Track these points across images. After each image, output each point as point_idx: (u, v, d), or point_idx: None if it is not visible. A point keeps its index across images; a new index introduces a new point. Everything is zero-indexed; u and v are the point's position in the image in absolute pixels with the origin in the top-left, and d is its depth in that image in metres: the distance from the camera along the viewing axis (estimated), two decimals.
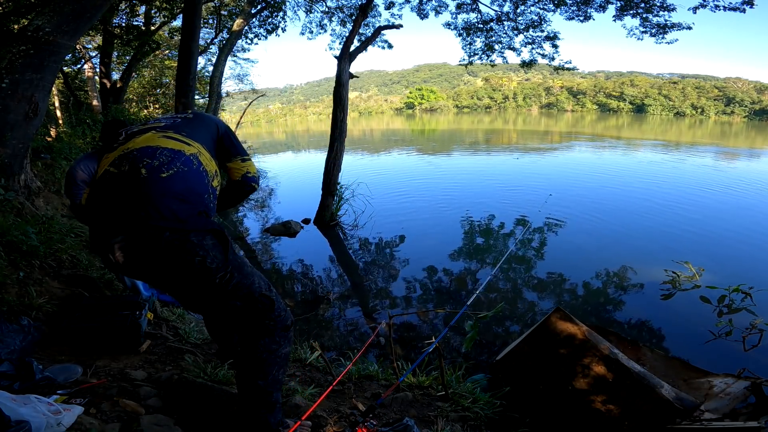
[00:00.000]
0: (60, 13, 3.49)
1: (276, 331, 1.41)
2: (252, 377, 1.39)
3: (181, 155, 1.35)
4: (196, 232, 1.26)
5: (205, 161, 1.43)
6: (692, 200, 8.23)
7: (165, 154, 1.33)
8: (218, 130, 1.55)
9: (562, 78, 70.66)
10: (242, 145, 1.64)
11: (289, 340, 1.47)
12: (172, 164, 1.31)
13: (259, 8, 11.38)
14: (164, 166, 1.30)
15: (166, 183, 1.27)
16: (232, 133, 1.61)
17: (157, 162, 1.30)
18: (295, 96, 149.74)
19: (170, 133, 1.40)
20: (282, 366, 1.44)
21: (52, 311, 2.24)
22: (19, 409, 1.26)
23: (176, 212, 1.25)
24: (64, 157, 5.84)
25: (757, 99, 59.87)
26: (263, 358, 1.38)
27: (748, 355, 3.22)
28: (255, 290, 1.38)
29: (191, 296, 1.42)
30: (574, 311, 3.49)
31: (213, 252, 1.28)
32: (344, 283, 4.96)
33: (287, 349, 1.46)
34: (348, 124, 7.00)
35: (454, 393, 2.13)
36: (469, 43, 9.84)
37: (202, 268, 1.26)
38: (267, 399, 1.40)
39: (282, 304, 1.47)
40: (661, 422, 1.87)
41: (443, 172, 12.11)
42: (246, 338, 1.41)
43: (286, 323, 1.45)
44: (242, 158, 1.57)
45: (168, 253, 1.23)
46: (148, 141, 1.36)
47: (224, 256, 1.31)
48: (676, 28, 7.60)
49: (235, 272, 1.33)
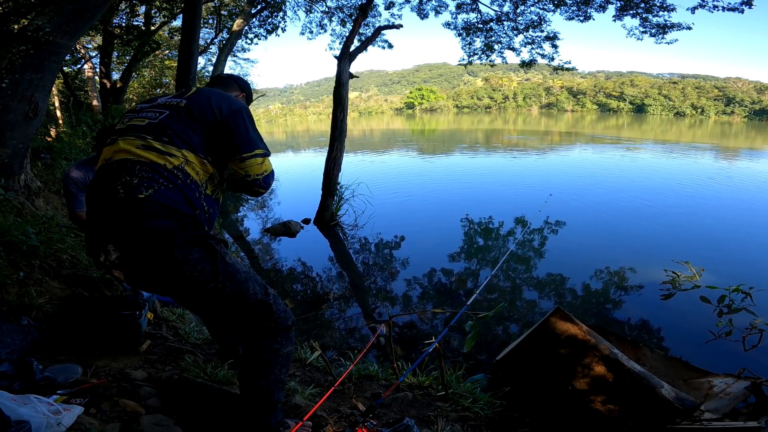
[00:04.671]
0: (60, 13, 3.49)
1: (277, 332, 1.40)
2: (254, 377, 1.39)
3: (163, 170, 1.21)
4: (180, 248, 1.18)
5: (195, 170, 1.28)
6: (692, 200, 8.23)
7: (145, 170, 1.19)
8: (216, 117, 1.32)
9: (562, 78, 70.65)
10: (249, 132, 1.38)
11: (290, 340, 1.46)
12: (153, 182, 1.18)
13: (259, 8, 11.39)
14: (144, 183, 1.18)
15: (145, 204, 1.16)
16: (238, 118, 1.36)
17: (135, 180, 1.18)
18: (295, 96, 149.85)
19: (150, 141, 1.24)
20: (284, 366, 1.43)
21: (52, 311, 2.23)
22: (19, 409, 1.26)
23: (157, 231, 1.16)
24: (64, 157, 5.85)
25: (757, 99, 59.93)
26: (265, 357, 1.38)
27: (748, 355, 3.22)
28: (250, 297, 1.34)
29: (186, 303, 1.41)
30: (574, 311, 3.49)
31: (201, 265, 1.22)
32: (344, 283, 4.96)
33: (289, 348, 1.45)
34: (348, 124, 7.00)
35: (454, 393, 2.13)
36: (469, 43, 9.85)
37: (192, 282, 1.23)
38: (269, 398, 1.40)
39: (281, 305, 1.44)
40: (661, 422, 1.87)
41: (443, 172, 12.11)
42: (247, 339, 1.41)
43: (287, 323, 1.43)
44: (241, 157, 1.36)
45: (154, 269, 1.20)
46: (127, 151, 1.23)
47: (213, 267, 1.24)
48: (675, 28, 7.61)
49: (227, 282, 1.28)
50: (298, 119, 68.16)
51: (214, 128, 1.33)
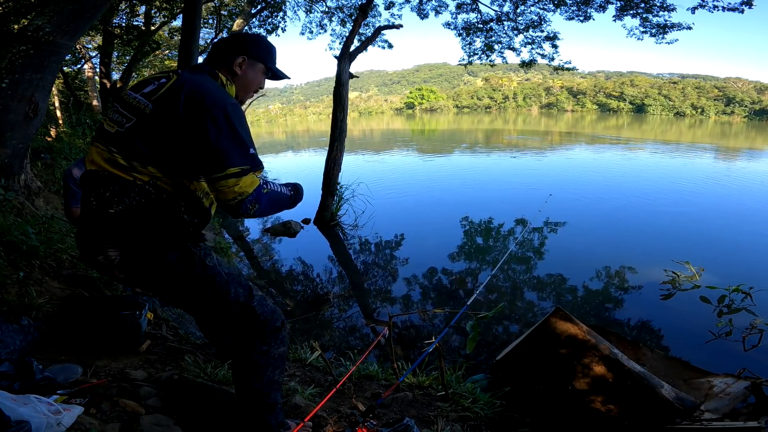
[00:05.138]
0: (60, 13, 3.49)
1: (265, 334, 1.36)
2: (246, 379, 1.37)
3: (132, 186, 1.11)
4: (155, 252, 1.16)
5: (169, 185, 1.14)
6: (692, 200, 8.23)
7: (115, 185, 1.11)
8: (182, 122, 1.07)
9: (562, 78, 70.65)
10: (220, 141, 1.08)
11: (281, 341, 1.40)
12: (123, 197, 1.11)
13: (259, 8, 11.37)
14: (114, 198, 1.11)
15: (116, 219, 1.11)
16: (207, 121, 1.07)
17: (107, 193, 1.11)
18: (295, 96, 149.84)
19: (115, 155, 1.12)
20: (277, 367, 1.40)
21: (52, 311, 2.24)
22: (19, 409, 1.26)
23: (131, 243, 1.14)
24: (64, 157, 5.84)
25: (757, 99, 59.91)
26: (255, 360, 1.35)
27: (748, 355, 3.22)
28: (231, 300, 1.29)
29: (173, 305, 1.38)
30: (574, 311, 3.49)
31: (179, 268, 1.18)
32: (344, 283, 4.96)
33: (281, 349, 1.41)
34: (348, 124, 7.00)
35: (454, 393, 2.13)
36: (469, 43, 9.85)
37: (171, 286, 1.22)
38: (264, 400, 1.39)
39: (269, 307, 1.38)
40: (661, 422, 1.87)
41: (443, 172, 12.12)
42: (236, 341, 1.38)
43: (276, 325, 1.38)
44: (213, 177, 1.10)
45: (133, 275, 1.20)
46: (97, 163, 1.15)
47: (190, 270, 1.20)
48: (676, 28, 7.61)
49: (207, 287, 1.24)
50: (298, 119, 68.17)
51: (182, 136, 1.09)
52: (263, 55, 1.32)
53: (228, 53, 1.28)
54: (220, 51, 1.29)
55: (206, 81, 1.17)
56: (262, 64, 1.33)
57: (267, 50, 1.34)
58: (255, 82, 1.34)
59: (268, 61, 1.35)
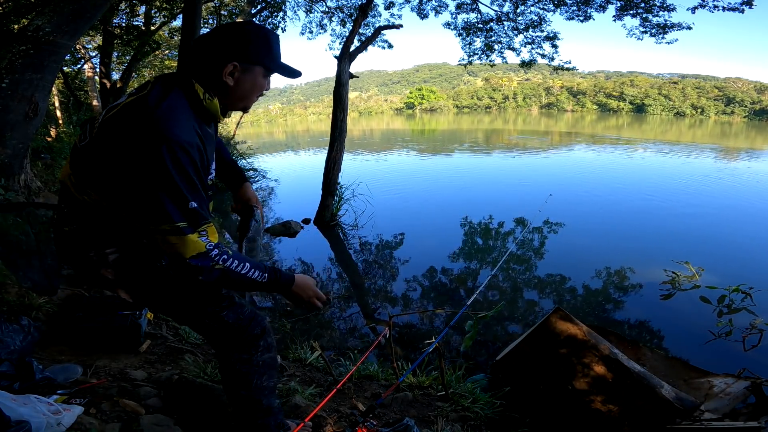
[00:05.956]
0: (60, 13, 3.49)
1: (243, 343, 1.26)
2: (233, 388, 1.31)
3: (84, 205, 1.03)
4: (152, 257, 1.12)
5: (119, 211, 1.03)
6: (692, 200, 8.23)
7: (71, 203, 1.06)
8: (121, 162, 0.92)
9: (562, 78, 70.66)
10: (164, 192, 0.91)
11: (265, 348, 1.31)
12: (76, 216, 1.06)
13: (259, 8, 11.37)
14: (69, 216, 1.07)
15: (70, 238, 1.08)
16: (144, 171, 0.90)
17: (66, 209, 1.07)
18: (295, 96, 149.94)
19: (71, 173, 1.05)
20: (264, 373, 1.31)
21: (52, 311, 2.24)
22: (19, 409, 1.26)
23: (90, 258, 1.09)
24: (64, 157, 5.84)
25: (757, 99, 59.89)
26: (237, 369, 1.27)
27: (748, 355, 3.22)
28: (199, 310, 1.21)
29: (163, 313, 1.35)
30: (574, 311, 3.49)
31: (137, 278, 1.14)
32: (344, 283, 4.96)
33: (266, 356, 1.31)
34: (348, 124, 6.99)
35: (454, 393, 2.13)
36: (469, 43, 9.84)
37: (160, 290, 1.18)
38: (257, 406, 1.34)
39: (247, 314, 1.26)
40: (661, 422, 1.87)
41: (443, 171, 12.12)
42: (216, 351, 1.33)
43: (254, 332, 1.27)
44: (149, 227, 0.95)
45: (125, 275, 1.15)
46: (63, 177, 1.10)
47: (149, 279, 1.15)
48: (676, 28, 7.60)
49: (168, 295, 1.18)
50: (298, 119, 68.18)
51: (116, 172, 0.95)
52: (260, 54, 1.05)
53: (213, 59, 1.02)
54: (202, 55, 1.03)
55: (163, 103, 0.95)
56: (260, 67, 1.07)
57: (264, 46, 1.05)
58: (255, 89, 1.11)
59: (268, 60, 1.08)
